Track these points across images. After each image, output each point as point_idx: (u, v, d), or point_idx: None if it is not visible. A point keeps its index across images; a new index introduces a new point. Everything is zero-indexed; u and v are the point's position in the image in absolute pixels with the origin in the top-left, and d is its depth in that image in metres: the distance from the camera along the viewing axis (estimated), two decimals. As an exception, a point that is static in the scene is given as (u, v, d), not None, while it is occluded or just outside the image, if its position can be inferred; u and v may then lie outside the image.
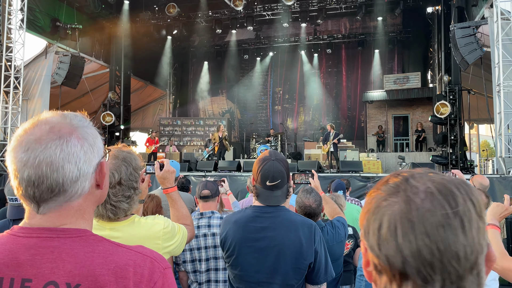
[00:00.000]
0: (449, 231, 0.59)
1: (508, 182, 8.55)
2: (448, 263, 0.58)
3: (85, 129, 0.92)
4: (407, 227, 0.60)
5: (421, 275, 0.59)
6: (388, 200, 0.63)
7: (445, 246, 0.58)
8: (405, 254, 0.59)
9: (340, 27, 19.56)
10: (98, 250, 0.87)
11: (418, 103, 17.10)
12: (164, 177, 2.11)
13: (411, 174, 0.66)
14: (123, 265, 0.85)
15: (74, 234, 0.88)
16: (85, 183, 0.89)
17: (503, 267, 1.96)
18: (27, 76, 12.84)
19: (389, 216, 0.62)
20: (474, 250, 0.59)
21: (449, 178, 0.64)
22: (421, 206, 0.60)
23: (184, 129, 19.41)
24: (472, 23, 10.41)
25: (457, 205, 0.60)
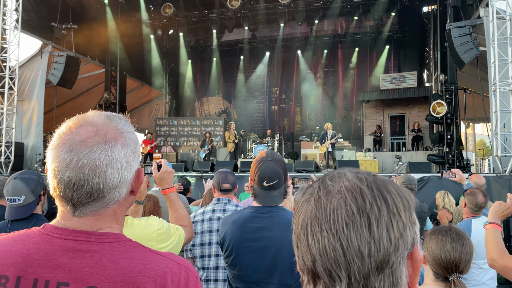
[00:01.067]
0: (352, 228, 0.58)
1: (504, 181, 8.58)
2: (352, 260, 0.57)
3: (129, 134, 0.91)
4: (315, 226, 0.60)
5: (328, 273, 0.59)
6: (306, 201, 0.64)
7: (348, 243, 0.58)
8: (313, 253, 0.60)
9: (336, 27, 19.58)
10: (136, 256, 0.86)
11: (414, 103, 17.14)
12: (162, 177, 2.08)
13: (331, 175, 0.66)
14: (161, 273, 0.85)
15: (112, 239, 0.86)
16: (123, 189, 0.89)
17: (502, 265, 1.96)
18: (22, 77, 12.78)
19: (302, 216, 0.63)
20: (382, 248, 0.58)
21: (366, 177, 0.64)
22: (328, 205, 0.61)
23: (180, 129, 19.37)
24: (467, 23, 10.45)
25: (364, 202, 0.60)
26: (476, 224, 3.25)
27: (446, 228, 1.80)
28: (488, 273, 3.25)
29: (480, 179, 4.45)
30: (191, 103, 22.25)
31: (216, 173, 3.01)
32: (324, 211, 0.61)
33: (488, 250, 2.06)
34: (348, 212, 0.59)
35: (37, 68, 13.01)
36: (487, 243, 2.08)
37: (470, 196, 3.34)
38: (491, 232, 2.09)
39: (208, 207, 2.85)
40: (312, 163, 11.29)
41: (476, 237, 3.19)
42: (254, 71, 21.02)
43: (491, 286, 3.27)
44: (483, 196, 3.32)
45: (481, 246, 3.02)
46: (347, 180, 0.63)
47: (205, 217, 2.79)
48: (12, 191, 2.19)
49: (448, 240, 1.72)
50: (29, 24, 12.83)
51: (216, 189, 2.93)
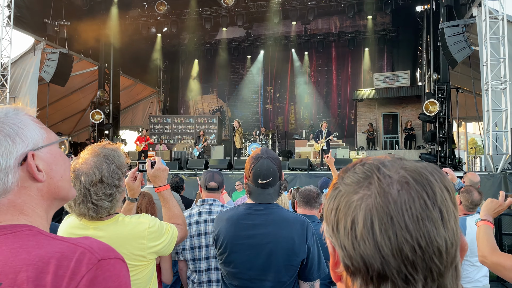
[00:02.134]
0: (429, 223, 0.53)
1: (495, 179, 8.67)
2: (430, 260, 0.53)
3: (3, 119, 0.86)
4: (386, 223, 0.53)
5: (402, 275, 0.52)
6: (360, 193, 0.56)
7: (427, 241, 0.52)
8: (384, 253, 0.53)
9: (330, 25, 19.62)
10: (26, 245, 0.79)
11: (407, 101, 17.24)
12: (155, 175, 2.06)
13: (381, 162, 0.59)
14: (47, 258, 0.76)
15: (8, 231, 0.81)
16: (7, 177, 0.82)
17: (493, 262, 1.98)
18: (15, 74, 12.67)
19: (364, 211, 0.55)
20: (454, 242, 0.55)
21: (421, 164, 0.58)
22: (398, 198, 0.54)
23: (175, 127, 19.32)
24: (460, 22, 10.51)
25: (435, 194, 0.55)
26: (471, 222, 3.28)
27: None
28: (481, 270, 3.29)
29: (475, 177, 4.51)
30: (185, 101, 22.19)
31: (203, 172, 3.03)
32: (395, 205, 0.54)
33: (479, 247, 2.09)
34: (422, 205, 0.54)
35: (29, 65, 12.91)
36: (479, 240, 2.10)
37: (466, 193, 3.37)
38: (482, 229, 2.12)
39: (194, 210, 2.84)
40: (306, 161, 11.33)
41: (470, 234, 3.22)
42: (249, 69, 21.00)
43: (484, 283, 3.31)
44: (478, 194, 3.35)
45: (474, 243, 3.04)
46: (406, 169, 0.57)
47: (192, 221, 2.77)
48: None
49: None
50: (22, 21, 12.72)
51: (202, 188, 2.92)
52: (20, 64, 12.96)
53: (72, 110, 18.57)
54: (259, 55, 20.63)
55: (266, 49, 20.41)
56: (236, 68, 21.41)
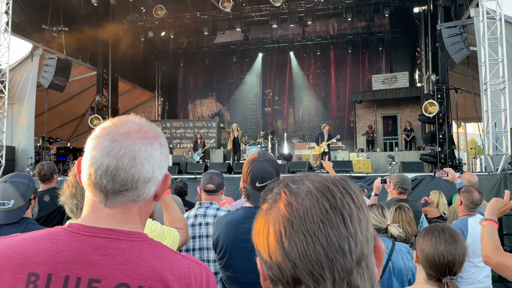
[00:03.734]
0: (329, 226, 0.57)
1: (496, 179, 8.65)
2: (334, 258, 0.56)
3: (164, 139, 0.97)
4: (290, 230, 0.58)
5: (312, 277, 0.56)
6: (272, 208, 0.62)
7: (328, 241, 0.57)
8: (292, 258, 0.57)
9: (328, 28, 19.65)
10: (163, 255, 0.89)
11: (406, 103, 17.24)
12: None
13: (291, 179, 0.65)
14: (186, 272, 0.89)
15: (139, 238, 0.89)
16: (153, 187, 0.91)
17: (496, 262, 1.96)
18: (13, 80, 12.66)
19: (272, 222, 0.60)
20: (359, 242, 0.58)
21: (328, 177, 0.64)
22: (300, 206, 0.59)
23: (174, 132, 19.30)
24: (458, 23, 10.53)
25: (335, 199, 0.59)
26: (472, 223, 3.26)
27: (439, 229, 1.77)
28: (483, 271, 3.27)
29: (473, 177, 4.48)
30: (184, 106, 22.19)
31: (203, 174, 3.03)
32: (297, 213, 0.59)
33: (483, 247, 2.06)
34: (322, 211, 0.58)
35: (28, 71, 12.90)
36: (483, 240, 2.08)
37: (466, 193, 3.35)
38: (487, 229, 2.09)
39: (191, 212, 2.86)
40: (305, 164, 11.30)
41: (472, 235, 3.20)
42: (247, 73, 21.01)
43: (486, 283, 3.29)
44: (479, 193, 3.33)
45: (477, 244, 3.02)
46: (311, 181, 0.62)
47: (188, 223, 2.78)
48: (2, 195, 2.15)
49: (442, 242, 1.70)
50: (20, 27, 12.73)
51: (202, 189, 2.93)
52: (19, 70, 12.96)
53: (71, 116, 18.56)
54: (258, 58, 20.65)
55: (264, 52, 20.43)
56: (235, 72, 21.42)
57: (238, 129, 13.61)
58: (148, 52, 19.03)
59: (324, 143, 12.28)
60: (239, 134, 13.47)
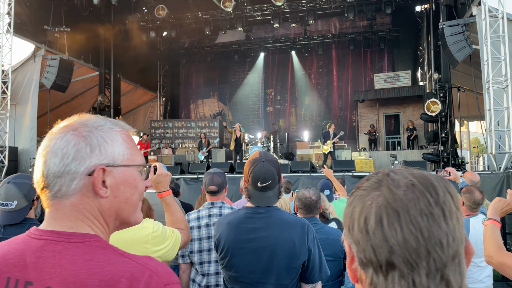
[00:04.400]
0: (432, 219, 0.60)
1: (499, 178, 8.63)
2: (432, 249, 0.59)
3: (94, 129, 0.90)
4: (393, 217, 0.61)
5: (407, 263, 0.60)
6: (371, 194, 0.65)
7: (429, 233, 0.60)
8: (391, 243, 0.60)
9: (330, 27, 19.63)
10: (97, 258, 0.83)
11: (408, 102, 17.21)
12: (158, 180, 2.07)
13: (392, 170, 0.68)
14: (118, 277, 0.80)
15: (78, 239, 0.85)
16: (72, 182, 0.86)
17: (499, 262, 1.96)
18: (15, 81, 12.70)
19: (374, 208, 0.63)
20: (456, 239, 0.61)
21: (428, 172, 0.67)
22: (404, 196, 0.62)
23: (176, 132, 19.34)
24: (460, 21, 10.50)
25: (437, 195, 0.62)
26: (474, 223, 3.25)
27: None
28: (485, 270, 3.27)
29: (475, 176, 4.46)
30: (186, 105, 22.22)
31: (204, 174, 2.97)
32: (401, 201, 0.62)
33: (485, 246, 2.06)
34: (426, 204, 0.61)
35: (30, 72, 12.94)
36: (485, 239, 2.08)
37: (467, 193, 3.34)
38: (489, 228, 2.09)
39: (202, 212, 2.81)
40: (307, 163, 11.30)
41: (474, 236, 3.19)
42: (249, 72, 21.01)
43: (487, 283, 3.29)
44: (480, 193, 3.33)
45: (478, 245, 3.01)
46: (414, 175, 0.65)
47: (202, 223, 2.75)
48: (5, 196, 2.15)
49: None
50: (22, 28, 12.76)
51: (204, 189, 2.90)
52: (21, 71, 13.00)
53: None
54: (259, 58, 20.65)
55: (266, 52, 20.43)
56: (237, 72, 21.42)
57: (240, 128, 13.60)
58: (150, 52, 19.05)
59: (330, 141, 12.26)
60: (241, 134, 13.46)
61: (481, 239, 2.99)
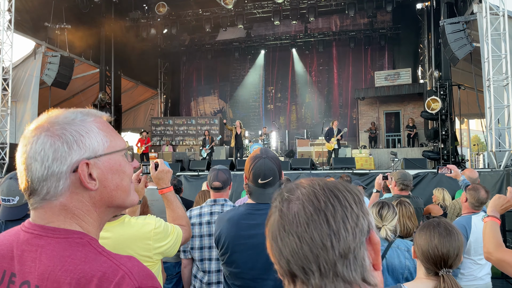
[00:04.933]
0: (313, 226, 0.66)
1: (499, 175, 8.64)
2: (318, 254, 0.65)
3: (67, 125, 0.88)
4: (282, 232, 0.69)
5: (302, 270, 0.66)
6: (273, 214, 0.73)
7: (313, 240, 0.66)
8: (285, 255, 0.67)
9: (330, 24, 19.60)
10: (75, 255, 0.82)
11: (409, 99, 17.19)
12: (159, 177, 2.08)
13: (289, 187, 0.74)
14: (89, 275, 0.79)
15: (62, 235, 0.85)
16: (58, 183, 0.85)
17: (498, 258, 1.97)
18: (16, 78, 12.70)
19: (270, 227, 0.72)
20: (341, 238, 0.66)
21: (319, 182, 0.72)
22: (288, 211, 0.69)
23: (176, 129, 19.35)
24: (461, 19, 10.48)
25: (319, 202, 0.68)
26: (476, 221, 3.25)
27: (434, 223, 1.78)
28: (484, 268, 3.28)
29: (473, 173, 4.47)
30: (186, 103, 22.22)
31: (210, 170, 2.97)
32: (286, 217, 0.69)
33: (484, 243, 2.07)
34: (307, 213, 0.68)
35: (31, 69, 12.94)
36: (484, 236, 2.09)
37: (472, 191, 3.33)
38: (489, 225, 2.10)
39: (204, 209, 2.81)
40: (308, 161, 11.31)
41: (475, 233, 3.19)
42: (250, 70, 21.00)
43: (486, 280, 3.31)
44: (485, 192, 3.31)
45: (479, 242, 3.03)
46: (303, 187, 0.72)
47: (203, 220, 2.76)
48: (7, 191, 2.17)
49: (436, 235, 1.72)
50: (22, 25, 12.75)
51: (209, 187, 2.90)
52: (22, 68, 12.99)
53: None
54: (260, 55, 20.62)
55: (266, 49, 20.41)
56: (237, 69, 21.41)
57: (241, 125, 13.58)
58: (150, 49, 19.03)
59: (334, 138, 12.28)
60: (242, 131, 13.44)
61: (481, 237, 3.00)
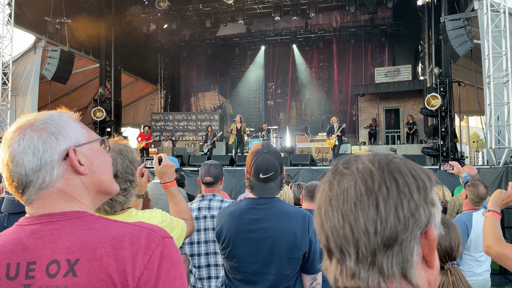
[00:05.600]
0: (360, 208, 0.62)
1: (498, 172, 8.66)
2: (359, 237, 0.61)
3: (47, 120, 0.95)
4: (328, 206, 0.65)
5: (339, 249, 0.63)
6: (323, 184, 0.69)
7: (356, 221, 0.62)
8: (326, 230, 0.65)
9: (331, 20, 19.55)
10: (95, 227, 0.91)
11: (409, 96, 17.19)
12: (162, 171, 2.09)
13: (346, 159, 0.70)
14: (119, 236, 0.89)
15: (72, 216, 0.92)
16: (52, 171, 0.92)
17: (497, 252, 1.99)
18: (16, 72, 12.68)
19: (318, 198, 0.69)
20: (389, 226, 0.61)
21: (380, 160, 0.66)
22: (339, 186, 0.65)
23: (176, 124, 19.34)
24: (462, 15, 10.47)
25: (373, 183, 0.63)
26: (477, 218, 3.26)
27: None
28: (483, 265, 3.30)
29: (472, 169, 4.48)
30: (186, 98, 22.19)
31: (201, 165, 2.99)
32: (335, 192, 0.65)
33: (484, 237, 2.09)
34: (357, 193, 0.63)
35: (31, 63, 12.92)
36: (485, 230, 2.11)
37: (472, 187, 3.34)
38: (489, 220, 2.12)
39: (193, 205, 2.83)
40: (307, 157, 11.32)
41: (476, 230, 3.20)
42: (250, 66, 20.96)
43: (485, 276, 3.33)
44: (485, 188, 3.32)
45: (479, 239, 3.04)
46: (361, 163, 0.67)
47: None
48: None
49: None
50: (22, 19, 12.71)
51: (200, 182, 2.92)
52: (22, 62, 12.97)
53: (74, 108, 18.44)
54: (260, 51, 20.57)
55: (267, 45, 20.36)
56: (237, 65, 21.37)
57: (242, 120, 13.51)
58: (150, 45, 18.99)
59: (334, 135, 12.31)
60: (242, 125, 13.36)
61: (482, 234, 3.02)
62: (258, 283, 1.98)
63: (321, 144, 14.00)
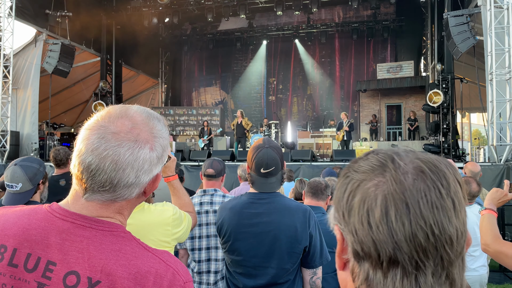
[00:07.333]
0: (443, 212, 0.54)
1: (499, 169, 8.65)
2: (441, 247, 0.53)
3: (161, 140, 0.92)
4: (401, 209, 0.54)
5: (413, 261, 0.53)
6: (375, 180, 0.57)
7: (440, 229, 0.53)
8: (397, 239, 0.53)
9: (333, 16, 19.47)
10: (124, 250, 0.85)
11: (411, 92, 17.16)
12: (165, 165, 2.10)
13: (395, 152, 0.60)
14: (144, 272, 0.84)
15: (106, 227, 0.87)
16: (136, 190, 0.89)
17: (495, 250, 1.99)
18: (17, 65, 12.67)
19: (380, 198, 0.55)
20: (464, 233, 0.56)
21: (436, 157, 0.60)
22: (413, 186, 0.55)
23: (177, 119, 19.33)
24: (465, 11, 10.41)
25: (448, 184, 0.56)
26: (469, 213, 3.27)
27: None
28: (478, 260, 3.32)
29: (475, 167, 4.48)
30: (188, 93, 22.17)
31: (205, 160, 3.03)
32: (411, 192, 0.55)
33: (482, 235, 2.10)
34: (438, 195, 0.55)
35: (31, 56, 12.89)
36: (482, 228, 2.12)
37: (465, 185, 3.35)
38: (486, 218, 2.13)
39: (195, 199, 2.83)
40: (308, 152, 11.32)
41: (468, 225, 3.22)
42: (251, 60, 20.90)
43: (480, 272, 3.34)
44: (477, 185, 3.34)
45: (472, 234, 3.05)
46: (421, 160, 0.58)
47: None
48: (10, 177, 2.19)
49: None
50: (23, 12, 12.67)
51: (202, 175, 2.92)
52: (22, 55, 12.95)
53: (75, 102, 18.58)
54: (262, 46, 20.50)
55: (268, 40, 20.29)
56: (239, 60, 21.31)
57: (243, 115, 13.48)
58: (152, 38, 18.92)
59: (342, 131, 12.39)
60: (243, 120, 13.32)
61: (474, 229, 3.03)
62: (259, 276, 1.99)
63: (322, 140, 14.00)
